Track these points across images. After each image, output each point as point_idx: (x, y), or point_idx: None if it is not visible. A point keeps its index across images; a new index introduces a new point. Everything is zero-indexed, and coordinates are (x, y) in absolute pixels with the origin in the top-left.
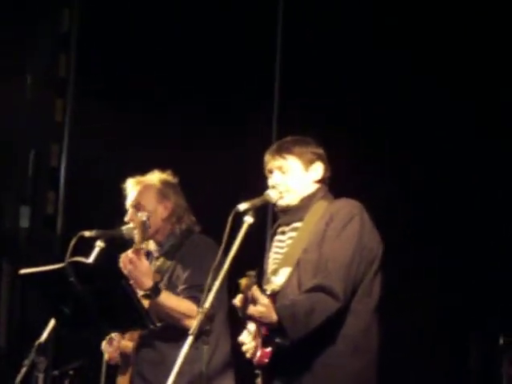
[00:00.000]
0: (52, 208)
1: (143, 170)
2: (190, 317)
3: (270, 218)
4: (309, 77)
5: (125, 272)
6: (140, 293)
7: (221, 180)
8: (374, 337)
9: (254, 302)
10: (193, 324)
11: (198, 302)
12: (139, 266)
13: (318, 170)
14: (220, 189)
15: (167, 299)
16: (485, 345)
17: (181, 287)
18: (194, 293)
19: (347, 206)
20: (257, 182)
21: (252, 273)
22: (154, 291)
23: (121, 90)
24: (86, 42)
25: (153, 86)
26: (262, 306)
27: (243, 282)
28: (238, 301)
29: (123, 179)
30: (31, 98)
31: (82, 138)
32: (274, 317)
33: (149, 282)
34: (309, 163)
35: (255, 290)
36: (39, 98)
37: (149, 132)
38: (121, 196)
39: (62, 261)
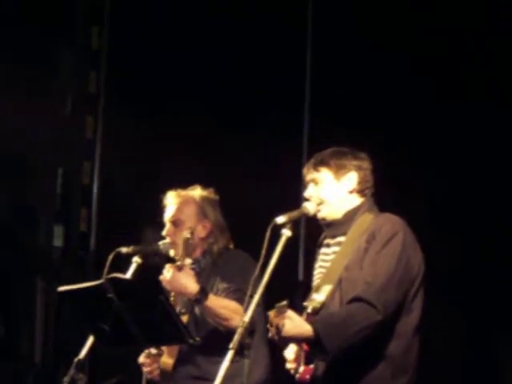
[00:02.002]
0: (85, 225)
1: (175, 186)
2: (238, 316)
3: (303, 231)
4: (340, 92)
5: (167, 286)
6: (178, 309)
7: (256, 195)
8: (414, 357)
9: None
10: (238, 326)
11: (243, 303)
12: (181, 275)
13: (351, 180)
14: (254, 204)
15: (215, 300)
16: None
17: (224, 292)
18: (239, 295)
19: (389, 223)
20: (291, 196)
21: (282, 304)
22: (202, 294)
23: (151, 105)
24: (115, 58)
25: (184, 101)
26: (291, 320)
27: (272, 313)
28: (271, 332)
29: (155, 195)
30: (62, 115)
31: (114, 155)
32: (307, 328)
33: (195, 287)
34: (340, 174)
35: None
36: (70, 115)
37: (181, 147)
38: (156, 213)
39: (95, 278)
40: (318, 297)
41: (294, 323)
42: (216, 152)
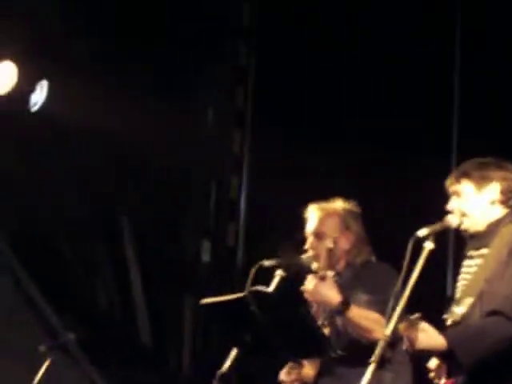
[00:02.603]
0: (232, 240)
1: (322, 200)
2: (381, 327)
3: (452, 243)
4: (488, 104)
5: (309, 296)
6: (320, 321)
7: (397, 208)
8: None
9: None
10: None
11: (384, 315)
12: (323, 285)
13: (493, 191)
14: (396, 217)
15: (358, 311)
16: None
17: (366, 304)
18: (381, 307)
19: None
20: (434, 209)
21: (414, 317)
22: (345, 304)
23: (299, 119)
24: (263, 72)
25: (330, 115)
26: (424, 333)
27: (402, 326)
28: (405, 344)
29: (302, 209)
30: (211, 129)
31: (261, 169)
32: (440, 341)
33: (336, 297)
34: (482, 185)
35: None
36: (218, 129)
37: (327, 161)
38: (300, 226)
39: (242, 292)
40: (459, 309)
41: (428, 335)
42: (360, 164)
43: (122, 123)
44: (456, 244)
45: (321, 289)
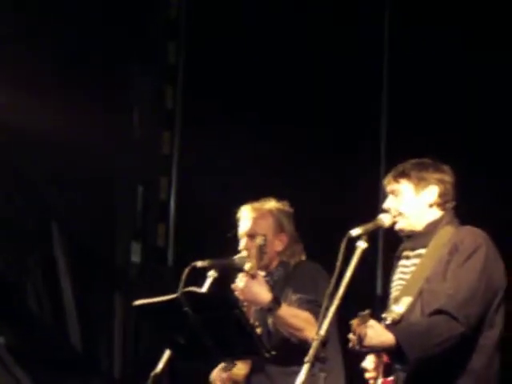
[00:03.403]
0: (162, 241)
1: (253, 200)
2: (311, 326)
3: (382, 242)
4: (416, 103)
5: (240, 295)
6: (253, 322)
7: (330, 207)
8: (495, 371)
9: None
10: (313, 336)
11: (315, 314)
12: (253, 284)
13: (431, 193)
14: (329, 215)
15: (288, 310)
16: None
17: (296, 303)
18: (311, 305)
19: (472, 236)
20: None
21: (364, 313)
22: (275, 303)
23: (228, 120)
24: (192, 73)
25: (261, 114)
26: (373, 329)
27: (355, 322)
28: (352, 341)
29: (232, 209)
30: (138, 131)
31: (190, 170)
32: (388, 336)
33: (267, 296)
34: (421, 187)
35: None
36: (146, 131)
37: (258, 160)
38: (231, 226)
39: (174, 292)
40: (398, 308)
41: (376, 332)
42: (292, 164)
43: (49, 124)
44: (386, 244)
45: (251, 287)
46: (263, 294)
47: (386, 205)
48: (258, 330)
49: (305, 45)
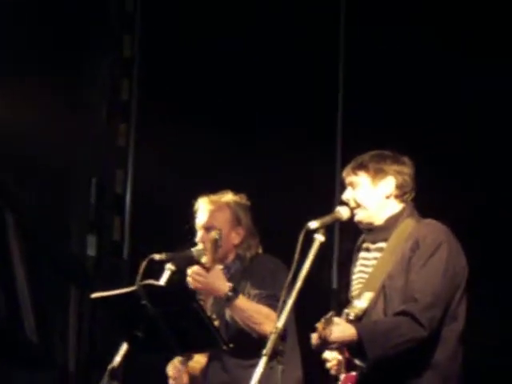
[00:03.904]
0: (118, 234)
1: (210, 193)
2: (270, 321)
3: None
4: (373, 94)
5: (197, 286)
6: (210, 315)
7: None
8: (458, 364)
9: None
10: (271, 330)
11: (275, 309)
12: (210, 275)
13: (389, 185)
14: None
15: (246, 302)
16: None
17: (255, 298)
18: (270, 301)
19: (434, 232)
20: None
21: (329, 316)
22: (234, 292)
23: (185, 113)
24: (148, 66)
25: (218, 108)
26: (337, 326)
27: (320, 325)
28: (314, 339)
29: (189, 202)
30: (95, 123)
31: (147, 163)
32: (352, 331)
33: (225, 285)
34: (378, 178)
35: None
36: (102, 123)
37: (214, 154)
38: (187, 219)
39: (129, 286)
40: (360, 303)
41: (340, 328)
42: (248, 157)
43: (5, 116)
44: (341, 237)
45: (208, 277)
46: (221, 283)
47: (344, 196)
48: (216, 323)
49: (260, 41)
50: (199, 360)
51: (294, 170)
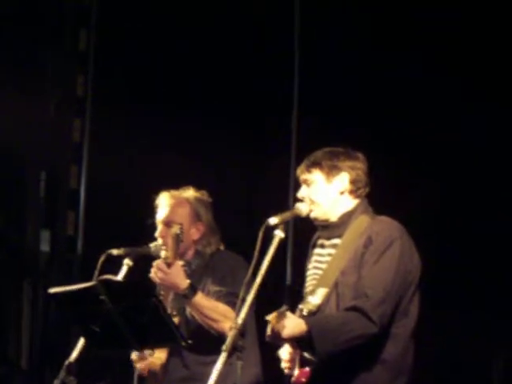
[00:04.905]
0: (72, 229)
1: (163, 189)
2: (228, 319)
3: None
4: (328, 89)
5: (157, 281)
6: (168, 310)
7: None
8: (410, 360)
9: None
10: (231, 328)
11: (234, 307)
12: (170, 270)
13: (343, 180)
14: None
15: (205, 300)
16: None
17: (215, 295)
18: (230, 298)
19: (388, 229)
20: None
21: (282, 310)
22: (191, 290)
23: (139, 109)
24: (103, 61)
25: (172, 103)
26: (289, 320)
27: (273, 318)
28: (269, 335)
29: (143, 197)
30: (49, 118)
31: (101, 158)
32: (303, 326)
33: (184, 282)
34: (332, 175)
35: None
36: (57, 118)
37: (169, 150)
38: (142, 214)
39: (83, 281)
40: (314, 299)
41: (290, 322)
42: (204, 154)
43: None
44: (295, 233)
45: (168, 272)
46: (180, 279)
47: (299, 194)
48: (176, 319)
49: (217, 35)
50: (159, 356)
51: (250, 166)
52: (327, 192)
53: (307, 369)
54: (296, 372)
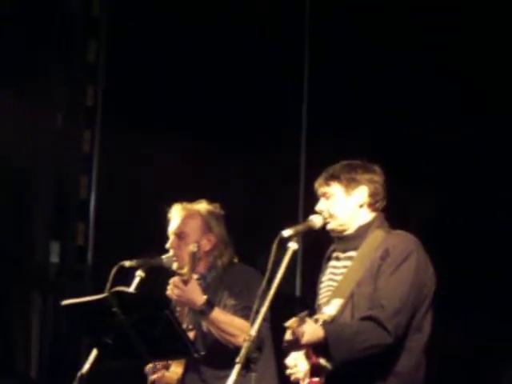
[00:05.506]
0: (82, 240)
1: (173, 201)
2: (245, 333)
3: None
4: (338, 101)
5: (174, 298)
6: (185, 325)
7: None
8: (422, 374)
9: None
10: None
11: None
12: (187, 287)
13: (361, 194)
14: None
15: (222, 314)
16: None
17: (232, 309)
18: (246, 312)
19: (404, 242)
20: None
21: (302, 314)
22: (208, 305)
23: (149, 119)
24: (113, 71)
25: (181, 114)
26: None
27: (294, 323)
28: (287, 337)
29: (153, 209)
30: (59, 129)
31: (111, 169)
32: (319, 334)
33: (201, 298)
34: (351, 188)
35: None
36: (67, 129)
37: (179, 162)
38: (151, 226)
39: (93, 293)
40: (329, 310)
41: (311, 329)
42: (216, 167)
43: None
44: (304, 245)
45: (185, 290)
46: (197, 296)
47: (318, 207)
48: (192, 334)
49: (228, 48)
50: (176, 371)
51: (259, 178)
52: (346, 205)
53: (317, 379)
54: (306, 382)
